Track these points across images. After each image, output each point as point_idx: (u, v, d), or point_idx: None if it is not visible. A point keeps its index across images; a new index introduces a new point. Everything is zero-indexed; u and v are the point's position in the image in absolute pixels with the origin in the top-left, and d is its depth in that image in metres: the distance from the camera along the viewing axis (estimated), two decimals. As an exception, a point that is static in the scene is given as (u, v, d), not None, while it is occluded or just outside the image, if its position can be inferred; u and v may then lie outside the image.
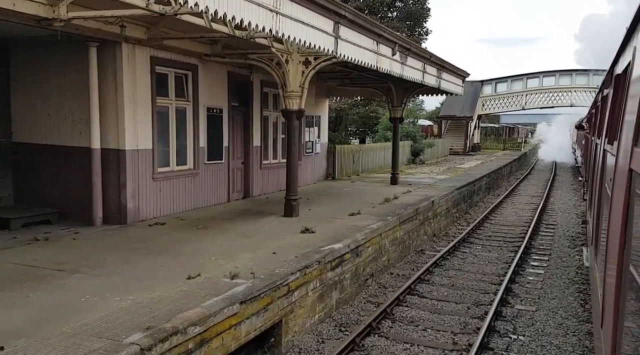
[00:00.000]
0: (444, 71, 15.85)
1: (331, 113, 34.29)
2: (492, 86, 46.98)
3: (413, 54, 12.72)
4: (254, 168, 14.67)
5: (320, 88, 19.25)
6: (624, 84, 4.09)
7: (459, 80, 17.98)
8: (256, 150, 14.76)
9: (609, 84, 6.29)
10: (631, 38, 3.92)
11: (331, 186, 18.21)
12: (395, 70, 11.75)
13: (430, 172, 25.22)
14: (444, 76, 15.94)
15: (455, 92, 17.92)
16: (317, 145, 19.31)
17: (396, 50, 11.23)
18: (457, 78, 17.79)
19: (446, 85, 16.45)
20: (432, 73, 14.68)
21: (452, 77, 16.99)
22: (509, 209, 21.67)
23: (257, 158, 14.81)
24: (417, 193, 16.70)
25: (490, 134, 68.42)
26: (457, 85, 17.91)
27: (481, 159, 37.00)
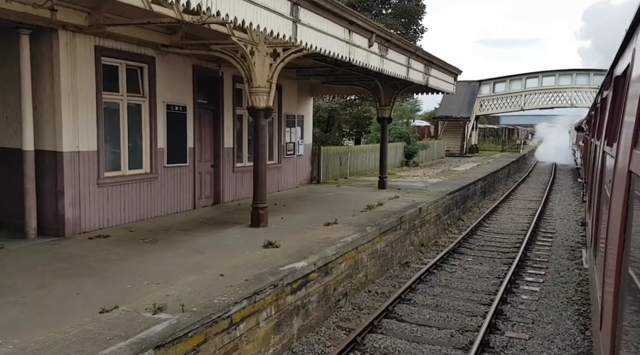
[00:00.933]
0: (433, 67, 14.62)
1: (323, 113, 33.13)
2: (490, 86, 45.78)
3: (395, 47, 11.48)
4: (225, 171, 13.45)
5: (303, 86, 18.05)
6: (624, 86, 4.10)
7: (450, 78, 16.77)
8: (228, 152, 13.54)
9: (609, 86, 6.25)
10: (630, 40, 3.89)
11: (314, 190, 16.99)
12: (373, 64, 10.51)
13: (423, 175, 24.01)
14: (433, 73, 14.71)
15: (447, 90, 16.71)
16: (300, 147, 18.10)
17: (373, 41, 10.00)
18: (449, 75, 16.58)
19: (435, 82, 15.21)
20: (419, 69, 13.44)
21: (442, 74, 15.76)
22: (505, 214, 20.46)
23: (229, 160, 13.59)
24: (404, 199, 15.49)
25: (488, 135, 67.23)
26: (449, 83, 16.70)
27: (478, 161, 35.79)
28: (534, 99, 44.22)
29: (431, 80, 14.71)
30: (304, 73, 16.43)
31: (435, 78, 15.16)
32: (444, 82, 16.09)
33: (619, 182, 3.35)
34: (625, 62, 4.23)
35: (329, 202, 14.47)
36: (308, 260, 7.99)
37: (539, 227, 17.87)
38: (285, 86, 16.34)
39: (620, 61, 4.84)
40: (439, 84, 15.63)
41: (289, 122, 16.77)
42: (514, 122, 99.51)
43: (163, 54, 10.92)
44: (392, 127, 28.14)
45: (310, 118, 19.02)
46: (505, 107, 45.67)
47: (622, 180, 3.15)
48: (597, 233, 5.92)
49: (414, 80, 13.23)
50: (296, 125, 17.39)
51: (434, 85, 15.18)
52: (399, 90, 17.49)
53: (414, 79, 13.13)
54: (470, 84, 45.69)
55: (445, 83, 16.34)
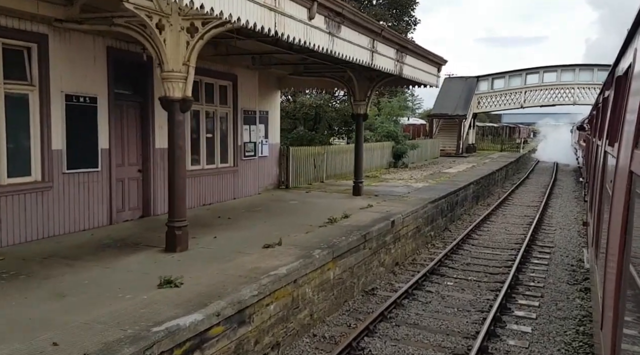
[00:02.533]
0: (408, 54, 12.32)
1: (310, 110, 30.89)
2: (488, 82, 43.50)
3: (351, 23, 9.14)
4: (159, 177, 11.23)
5: (266, 78, 15.82)
6: (625, 86, 4.16)
7: (432, 68, 14.50)
8: (162, 154, 11.32)
9: (610, 86, 6.25)
10: (632, 40, 3.96)
11: (277, 198, 14.77)
12: (316, 43, 8.20)
13: (410, 178, 21.77)
14: (408, 61, 12.43)
15: (428, 82, 14.45)
16: (264, 147, 15.87)
17: (315, 12, 7.67)
18: (430, 65, 14.31)
19: (412, 72, 12.93)
20: (388, 54, 11.13)
21: (421, 63, 13.49)
22: (498, 223, 18.22)
23: (164, 164, 11.36)
24: (378, 208, 13.26)
25: (488, 134, 64.88)
26: (431, 75, 14.43)
27: (474, 161, 33.52)
28: (535, 96, 41.96)
29: (406, 70, 12.44)
30: (264, 61, 14.20)
31: (412, 67, 12.88)
32: (423, 72, 13.82)
33: (620, 181, 3.39)
34: (627, 61, 4.26)
35: (287, 214, 12.24)
36: (208, 309, 5.77)
37: (536, 240, 15.65)
38: (242, 76, 14.12)
39: (621, 61, 4.81)
40: (417, 74, 13.35)
41: (248, 119, 14.54)
42: (517, 120, 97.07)
43: (61, 31, 8.69)
44: (379, 126, 25.92)
45: (277, 114, 16.79)
46: (504, 105, 43.41)
47: (623, 180, 3.20)
48: (598, 232, 5.95)
49: (381, 68, 10.90)
50: (258, 122, 15.15)
51: (410, 76, 12.89)
52: (376, 83, 15.26)
53: (381, 67, 10.81)
54: (467, 80, 43.45)
55: (426, 74, 14.07)
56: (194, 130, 12.53)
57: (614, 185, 3.78)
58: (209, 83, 12.98)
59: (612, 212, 3.61)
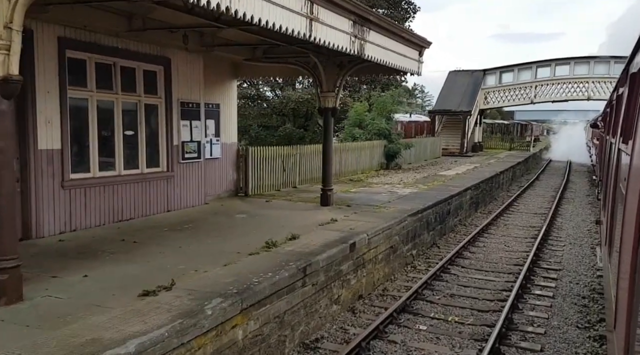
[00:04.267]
0: (372, 29, 9.53)
1: (300, 106, 28.29)
2: (496, 76, 40.54)
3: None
4: (45, 187, 8.69)
5: (217, 64, 13.22)
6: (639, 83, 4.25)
7: (411, 51, 11.74)
8: (49, 157, 8.77)
9: (624, 83, 6.07)
10: None
11: (224, 210, 12.17)
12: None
13: (399, 181, 19.08)
14: (373, 38, 9.65)
15: (405, 68, 11.69)
16: (215, 148, 13.30)
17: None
18: (408, 47, 11.54)
19: (380, 54, 10.17)
20: (338, 26, 8.31)
21: (394, 43, 10.73)
22: (498, 237, 15.51)
23: (51, 170, 8.82)
24: (341, 225, 10.64)
25: (496, 131, 61.74)
26: (408, 59, 11.67)
27: (478, 161, 30.71)
28: (546, 91, 38.96)
29: (370, 50, 9.69)
30: (206, 42, 11.62)
31: (380, 47, 10.13)
32: (398, 56, 11.10)
33: (634, 180, 3.44)
34: None
35: (218, 235, 9.64)
36: None
37: (540, 259, 12.96)
38: (178, 60, 11.56)
39: (636, 58, 4.66)
40: (389, 57, 10.61)
41: (188, 113, 11.95)
42: (530, 117, 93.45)
43: None
44: (370, 123, 23.22)
45: (234, 108, 14.19)
46: (513, 100, 40.47)
47: (637, 178, 3.26)
48: (612, 231, 5.94)
49: (326, 44, 8.13)
50: (203, 117, 12.57)
51: (377, 58, 10.15)
52: (347, 70, 12.61)
53: (325, 41, 8.03)
54: (473, 73, 40.57)
55: (402, 58, 11.35)
56: (104, 126, 9.96)
57: (627, 184, 3.80)
58: (127, 67, 10.43)
59: (626, 210, 3.64)
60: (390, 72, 12.94)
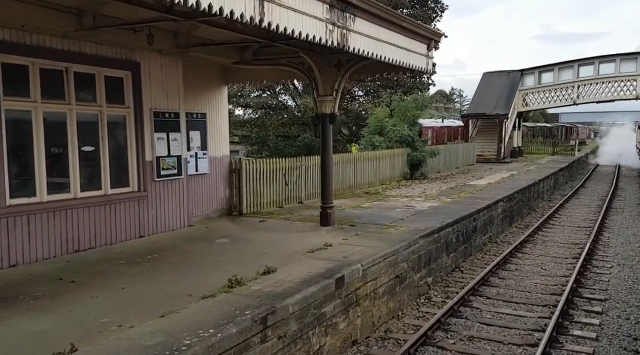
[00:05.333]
0: (358, 14, 7.70)
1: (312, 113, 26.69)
2: (534, 76, 38.01)
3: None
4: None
5: (202, 68, 11.78)
6: None
7: (417, 45, 9.87)
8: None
9: None
10: None
11: (205, 234, 10.62)
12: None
13: (421, 193, 17.18)
14: (359, 27, 7.80)
15: (410, 64, 9.79)
16: (201, 162, 11.82)
17: None
18: (412, 40, 9.67)
19: (370, 46, 8.30)
20: (308, 10, 6.53)
21: (391, 34, 8.86)
22: (534, 257, 13.46)
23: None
24: (335, 251, 8.93)
25: (538, 135, 58.55)
26: (414, 54, 9.80)
27: (516, 168, 28.38)
28: (590, 91, 36.22)
29: (355, 40, 7.87)
30: (180, 43, 10.16)
31: (370, 38, 8.30)
32: (398, 49, 9.27)
33: None
34: None
35: (181, 268, 8.07)
36: None
37: (582, 286, 10.92)
38: (150, 64, 10.15)
39: None
40: (383, 50, 8.79)
41: (165, 124, 10.49)
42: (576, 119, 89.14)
43: None
44: (390, 130, 21.37)
45: (225, 117, 12.67)
46: (553, 101, 37.85)
47: None
48: None
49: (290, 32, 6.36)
50: (185, 128, 11.10)
51: (366, 51, 8.34)
52: (346, 70, 10.93)
53: (289, 29, 6.24)
54: (509, 74, 38.15)
55: (403, 51, 9.52)
56: (54, 141, 8.57)
57: None
58: (84, 73, 9.04)
59: None
60: (396, 71, 11.18)
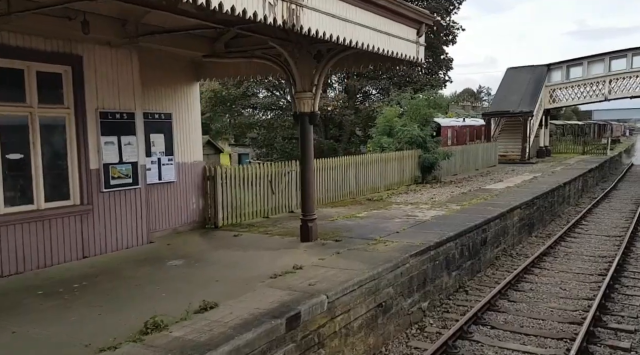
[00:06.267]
0: None
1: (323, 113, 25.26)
2: (562, 71, 35.80)
3: None
4: None
5: (167, 63, 10.44)
6: None
7: (402, 29, 8.17)
8: None
9: None
10: None
11: (161, 254, 9.20)
12: None
13: (428, 200, 15.51)
14: (315, 2, 6.26)
15: (394, 52, 8.11)
16: (166, 169, 10.46)
17: None
18: (395, 22, 7.97)
19: (331, 26, 6.62)
20: None
21: (363, 13, 7.25)
22: (553, 273, 11.75)
23: None
24: (300, 277, 7.44)
25: (568, 133, 55.85)
26: (398, 40, 8.08)
27: (540, 169, 26.38)
28: (623, 85, 33.90)
29: (310, 19, 6.22)
30: (130, 31, 8.79)
31: (331, 17, 6.71)
32: (375, 33, 7.63)
33: None
34: None
35: (104, 302, 6.66)
36: None
37: (608, 312, 9.23)
38: (96, 58, 8.83)
39: None
40: (353, 33, 7.15)
41: (115, 127, 9.14)
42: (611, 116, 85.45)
43: None
44: (400, 130, 19.72)
45: (196, 117, 11.28)
46: (583, 97, 35.56)
47: None
48: None
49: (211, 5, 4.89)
50: (143, 131, 9.74)
51: (327, 33, 6.67)
52: (327, 62, 9.43)
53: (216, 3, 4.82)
54: (535, 69, 36.02)
55: (383, 36, 7.87)
56: None
57: None
58: (7, 68, 7.75)
59: None
60: (384, 61, 9.60)
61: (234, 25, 7.89)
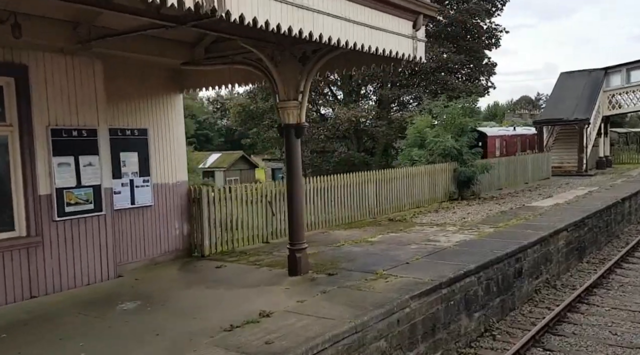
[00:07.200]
0: None
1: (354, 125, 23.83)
2: (622, 75, 32.79)
3: None
4: None
5: (142, 72, 9.29)
6: None
7: (392, 21, 6.50)
8: None
9: None
10: None
11: (120, 293, 7.94)
12: None
13: (459, 220, 13.70)
14: None
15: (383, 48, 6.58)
16: (141, 192, 9.27)
17: None
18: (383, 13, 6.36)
19: (281, 15, 5.23)
20: None
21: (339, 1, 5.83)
22: (603, 312, 9.77)
23: None
24: (265, 330, 6.00)
25: (632, 142, 51.78)
26: (387, 34, 6.48)
27: (598, 182, 23.80)
28: (692, 88, 30.65)
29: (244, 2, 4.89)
30: (82, 35, 7.66)
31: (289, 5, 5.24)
32: (350, 25, 6.07)
33: None
34: None
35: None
36: None
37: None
38: (47, 68, 7.76)
39: None
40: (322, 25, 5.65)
41: (71, 146, 8.00)
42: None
43: None
44: (431, 141, 17.95)
45: (179, 133, 10.02)
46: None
47: None
48: None
49: None
50: (114, 149, 8.59)
51: (272, 21, 5.16)
52: (313, 65, 8.02)
53: None
54: (590, 73, 33.18)
55: (365, 29, 6.33)
56: None
57: None
58: None
59: None
60: (378, 62, 8.07)
61: (185, 23, 6.55)
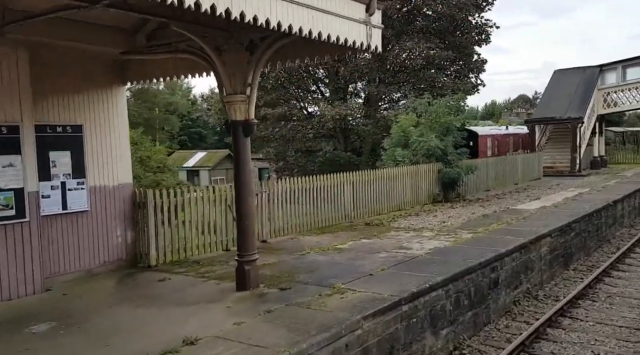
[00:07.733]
0: None
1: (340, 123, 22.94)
2: (617, 73, 31.96)
3: None
4: None
5: (77, 62, 8.41)
6: None
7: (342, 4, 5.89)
8: None
9: None
10: None
11: (38, 312, 7.05)
12: None
13: (438, 224, 12.84)
14: None
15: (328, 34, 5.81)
16: (74, 195, 8.39)
17: None
18: None
19: None
20: None
21: None
22: (587, 326, 8.93)
23: None
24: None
25: (629, 141, 50.95)
26: (334, 17, 5.72)
27: (590, 183, 22.93)
28: (690, 86, 29.83)
29: None
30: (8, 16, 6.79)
31: None
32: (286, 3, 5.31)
33: None
34: None
35: None
36: None
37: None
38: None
39: None
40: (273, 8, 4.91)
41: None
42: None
43: None
44: (415, 141, 17.08)
45: (121, 130, 9.12)
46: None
47: None
48: None
49: None
50: (40, 148, 7.72)
51: None
52: (262, 54, 7.18)
53: None
54: (585, 71, 32.33)
55: (312, 11, 5.52)
56: None
57: None
58: None
59: None
60: (332, 52, 7.25)
61: (98, 2, 5.66)
